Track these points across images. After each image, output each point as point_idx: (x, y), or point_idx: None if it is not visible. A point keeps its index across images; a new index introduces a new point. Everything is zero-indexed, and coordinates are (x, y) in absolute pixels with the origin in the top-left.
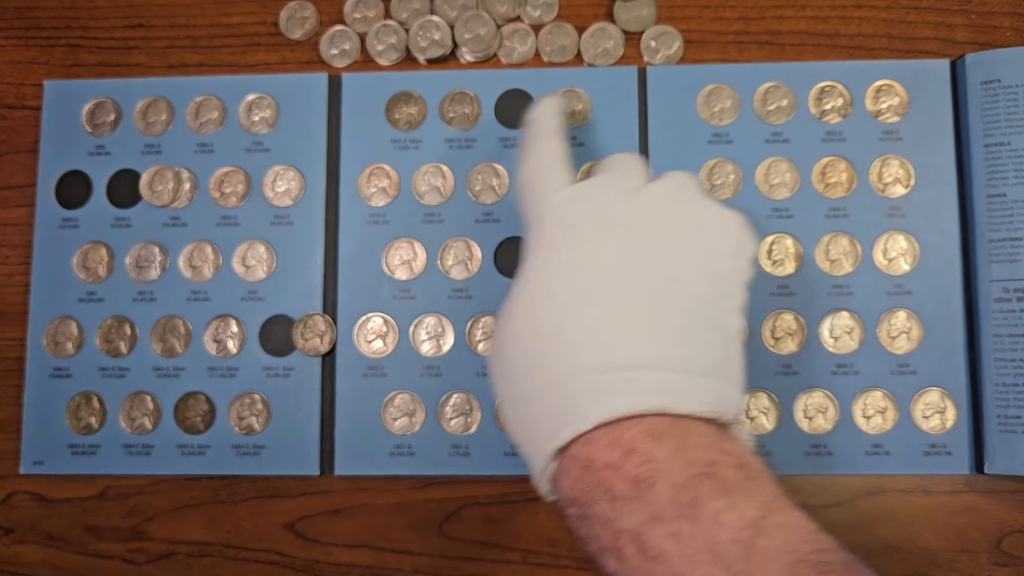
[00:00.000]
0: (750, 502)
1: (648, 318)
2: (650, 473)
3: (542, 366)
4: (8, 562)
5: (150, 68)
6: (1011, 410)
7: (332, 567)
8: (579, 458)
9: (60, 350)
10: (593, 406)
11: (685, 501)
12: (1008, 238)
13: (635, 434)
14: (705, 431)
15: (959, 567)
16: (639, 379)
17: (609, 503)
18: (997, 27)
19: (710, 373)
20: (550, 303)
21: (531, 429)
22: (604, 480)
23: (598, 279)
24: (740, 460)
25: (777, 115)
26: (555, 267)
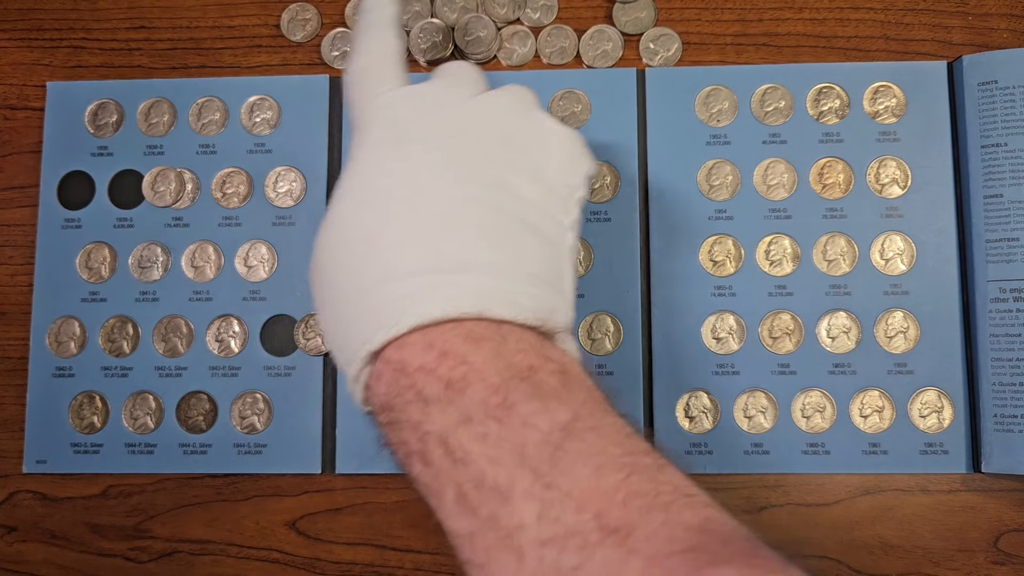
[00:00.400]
0: (564, 406)
1: (471, 223)
2: (463, 375)
3: (358, 270)
4: (11, 560)
5: (152, 70)
6: (1008, 409)
7: (334, 565)
8: (392, 361)
9: (63, 350)
10: (408, 309)
11: (496, 403)
12: (1004, 238)
13: (451, 337)
14: (527, 337)
15: (956, 566)
16: (457, 283)
17: (420, 406)
18: (994, 29)
19: (536, 281)
20: (368, 206)
21: (345, 335)
22: (416, 383)
23: (419, 182)
24: (561, 367)
25: (775, 116)
26: (375, 170)
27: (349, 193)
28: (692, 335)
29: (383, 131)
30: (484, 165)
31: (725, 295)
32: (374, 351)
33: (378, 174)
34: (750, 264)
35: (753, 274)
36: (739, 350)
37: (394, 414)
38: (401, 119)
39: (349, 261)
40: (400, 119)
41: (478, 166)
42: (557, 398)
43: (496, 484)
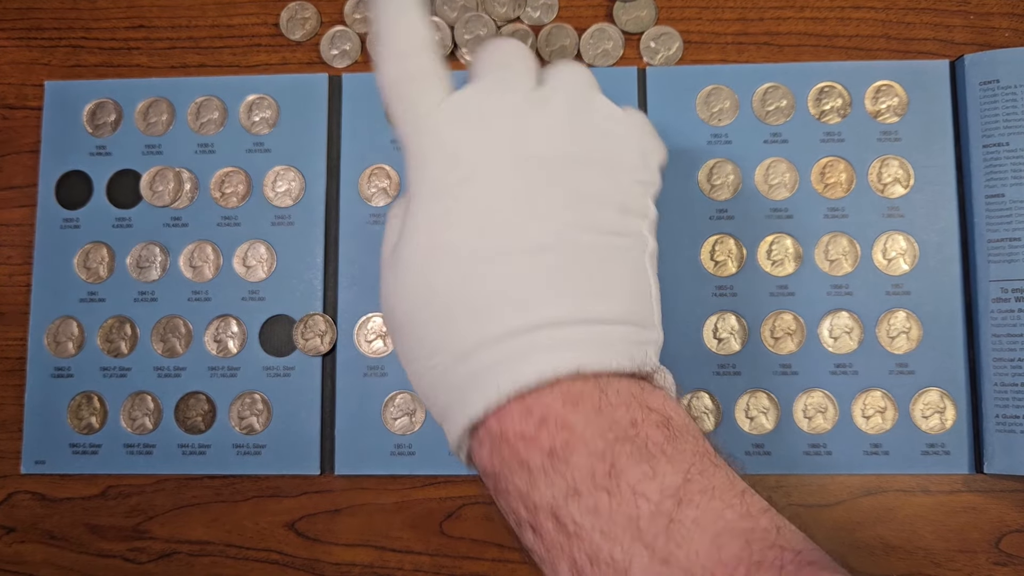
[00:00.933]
0: (672, 466)
1: (553, 272)
2: (566, 442)
3: (443, 335)
4: (10, 561)
5: (151, 69)
6: (1010, 410)
7: (333, 566)
8: (491, 431)
9: (61, 350)
10: (504, 375)
11: (603, 472)
12: (1007, 238)
13: (549, 400)
14: (625, 386)
15: (958, 566)
16: (550, 342)
17: (525, 476)
18: (995, 28)
19: (626, 318)
20: (442, 264)
21: (444, 402)
22: (519, 452)
23: (490, 232)
24: (663, 417)
25: (776, 116)
26: (441, 221)
27: (419, 249)
28: (693, 335)
29: (440, 168)
30: (557, 193)
31: (726, 295)
32: (473, 423)
33: (446, 225)
34: (751, 264)
35: (755, 274)
36: (740, 350)
37: (500, 482)
38: (459, 149)
39: (430, 324)
40: (458, 149)
41: (551, 197)
42: (664, 456)
43: (612, 560)
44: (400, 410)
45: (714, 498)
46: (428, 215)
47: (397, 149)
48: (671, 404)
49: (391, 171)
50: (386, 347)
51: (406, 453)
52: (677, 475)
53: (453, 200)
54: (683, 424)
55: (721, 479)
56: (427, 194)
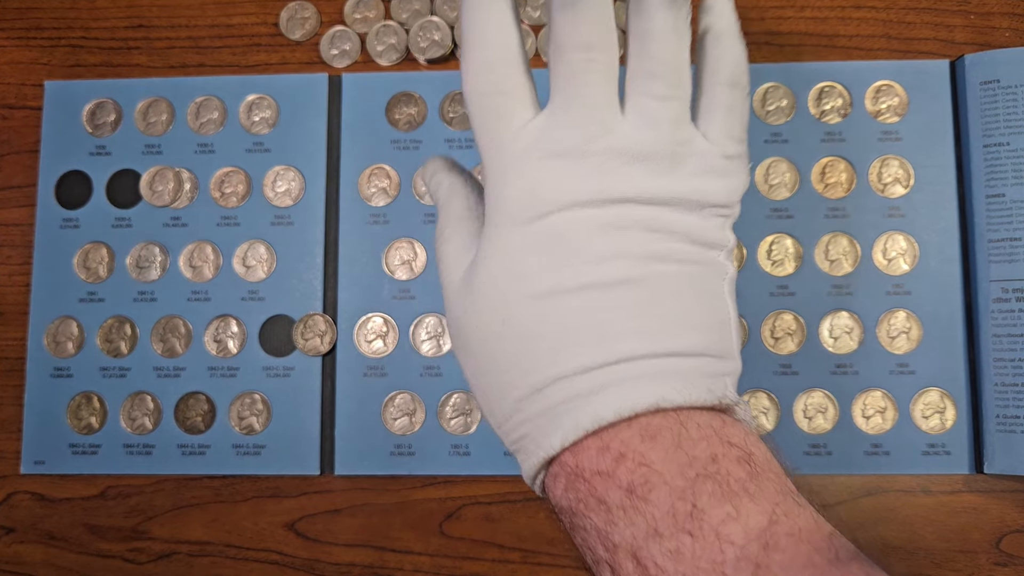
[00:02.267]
0: (756, 505)
1: (633, 302)
2: (645, 479)
3: (520, 368)
4: (9, 561)
5: (151, 68)
6: (1010, 410)
7: (332, 566)
8: (567, 466)
9: (61, 350)
10: (582, 411)
11: (685, 512)
12: (1007, 238)
13: (627, 436)
14: (705, 420)
15: (958, 567)
16: (629, 374)
17: (603, 514)
18: (996, 28)
19: (705, 350)
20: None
21: (514, 432)
22: (596, 489)
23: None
24: (745, 452)
25: (777, 115)
26: (522, 246)
27: (498, 280)
28: None
29: (521, 200)
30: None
31: None
32: (549, 458)
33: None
34: (752, 264)
35: (755, 274)
36: (740, 350)
37: (576, 519)
38: (540, 183)
39: (506, 359)
40: (539, 183)
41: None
42: (748, 495)
43: None
44: (400, 410)
45: (801, 541)
46: (506, 245)
47: (397, 149)
48: (752, 439)
49: (391, 171)
50: (385, 347)
51: (406, 453)
52: (762, 516)
53: (533, 233)
54: (765, 460)
55: (807, 520)
56: (506, 223)
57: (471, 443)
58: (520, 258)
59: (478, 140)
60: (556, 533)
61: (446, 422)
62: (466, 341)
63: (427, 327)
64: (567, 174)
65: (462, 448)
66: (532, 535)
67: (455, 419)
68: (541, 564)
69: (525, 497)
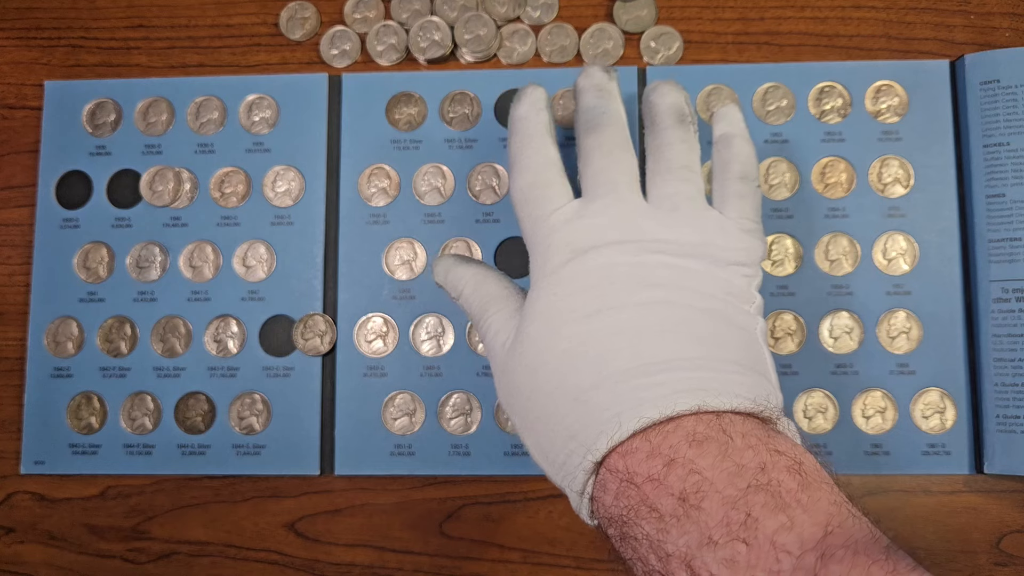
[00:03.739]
0: (810, 517)
1: (668, 322)
2: (696, 486)
3: (566, 384)
4: (9, 562)
5: (151, 68)
6: (1010, 410)
7: (332, 567)
8: (618, 471)
9: (61, 350)
10: (626, 413)
11: (738, 521)
12: (1007, 238)
13: (675, 441)
14: (750, 428)
15: (959, 567)
16: (670, 380)
17: (655, 522)
18: (996, 28)
19: (743, 369)
20: (564, 325)
21: (563, 449)
22: (647, 496)
23: (608, 299)
24: (794, 461)
25: (776, 115)
26: (563, 284)
27: (541, 315)
28: None
29: (560, 257)
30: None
31: None
32: (598, 461)
33: (566, 295)
34: None
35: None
36: None
37: (627, 528)
38: (575, 239)
39: (554, 377)
40: (574, 239)
41: (659, 274)
42: (800, 505)
43: None
44: (400, 410)
45: (858, 553)
46: (550, 292)
47: (397, 149)
48: (800, 449)
49: (391, 171)
50: (385, 347)
51: (406, 453)
52: (816, 527)
53: (573, 269)
54: (815, 470)
55: (863, 532)
56: (550, 275)
57: (471, 443)
58: (564, 293)
59: (523, 227)
60: (556, 533)
61: (446, 422)
62: (518, 391)
63: (427, 327)
64: (601, 227)
65: (462, 448)
66: (532, 535)
67: (455, 419)
68: (541, 564)
69: (525, 497)
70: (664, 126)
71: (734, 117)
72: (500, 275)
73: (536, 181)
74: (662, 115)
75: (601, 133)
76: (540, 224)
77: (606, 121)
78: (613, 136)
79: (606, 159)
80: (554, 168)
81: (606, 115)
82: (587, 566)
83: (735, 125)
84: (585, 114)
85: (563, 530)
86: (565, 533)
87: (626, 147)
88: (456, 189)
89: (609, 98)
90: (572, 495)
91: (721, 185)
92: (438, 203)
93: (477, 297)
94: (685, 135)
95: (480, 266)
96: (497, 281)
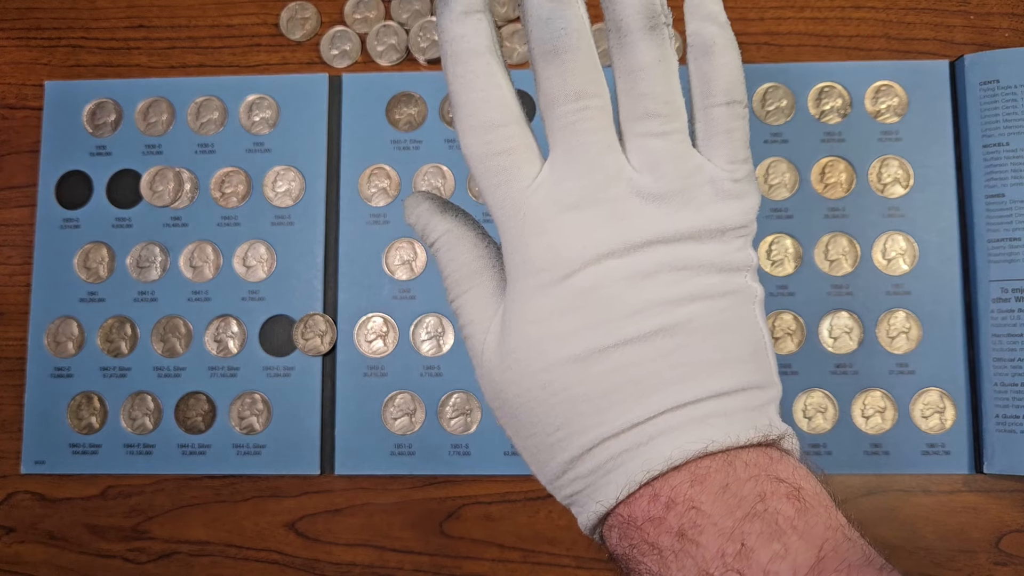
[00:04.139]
0: (804, 542)
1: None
2: (694, 522)
3: (566, 429)
4: (10, 561)
5: (151, 69)
6: (1010, 410)
7: (333, 566)
8: (620, 516)
9: (61, 350)
10: (631, 465)
11: (733, 553)
12: (1007, 238)
13: (677, 483)
14: (754, 458)
15: (958, 566)
16: (675, 424)
17: (656, 559)
18: (995, 28)
19: (746, 384)
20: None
21: (567, 490)
22: (648, 535)
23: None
24: (794, 487)
25: (776, 115)
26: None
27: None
28: None
29: (543, 261)
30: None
31: None
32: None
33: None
34: None
35: None
36: None
37: (632, 564)
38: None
39: (556, 423)
40: (559, 241)
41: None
42: (796, 532)
43: None
44: (400, 410)
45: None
46: (538, 309)
47: (397, 149)
48: (801, 472)
49: (391, 171)
50: (386, 347)
51: (406, 453)
52: (810, 552)
53: (563, 293)
54: (814, 494)
55: (857, 555)
56: (534, 286)
57: (471, 443)
58: (554, 321)
59: (487, 200)
60: (556, 532)
61: (446, 422)
62: (507, 407)
63: (427, 327)
64: (586, 227)
65: (462, 448)
66: (532, 535)
67: (455, 419)
68: (541, 564)
69: (525, 497)
70: (633, 37)
71: (711, 10)
72: (476, 236)
73: (492, 142)
74: (628, 19)
75: (564, 61)
76: (510, 209)
77: (568, 42)
78: (579, 64)
79: (573, 103)
80: (512, 117)
81: (566, 32)
82: (587, 565)
83: (713, 23)
84: (539, 30)
85: (563, 530)
86: (565, 533)
87: (597, 79)
88: (456, 189)
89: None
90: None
91: (704, 113)
92: None
93: (448, 265)
94: (660, 47)
95: (455, 220)
96: (472, 247)
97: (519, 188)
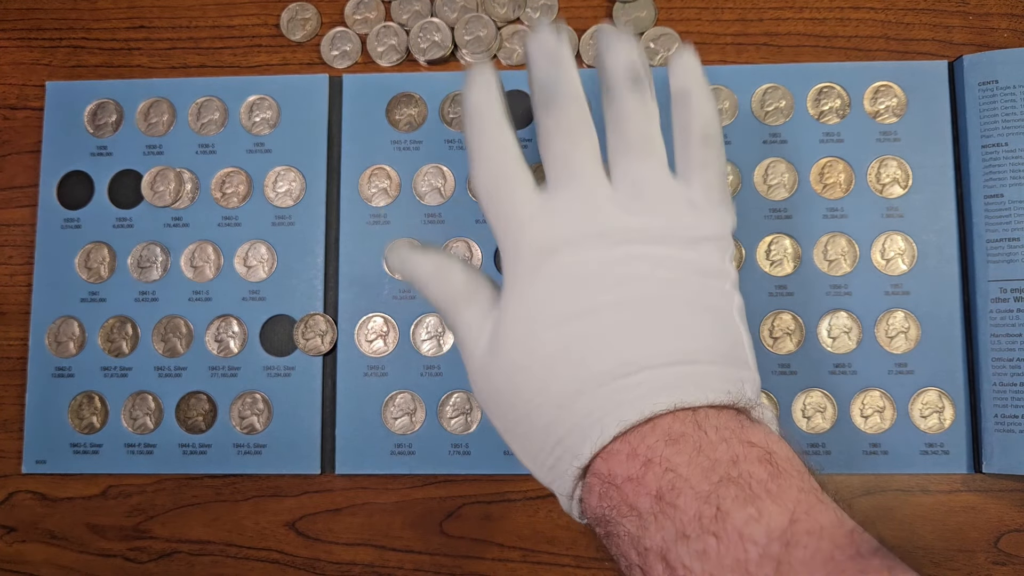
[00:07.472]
0: (777, 506)
1: (645, 317)
2: (671, 484)
3: (549, 390)
4: (10, 561)
5: (152, 69)
6: (1008, 409)
7: (333, 565)
8: (601, 474)
9: (62, 350)
10: (607, 417)
11: (710, 515)
12: (1005, 238)
13: (653, 441)
14: (724, 421)
15: (957, 566)
16: (647, 380)
17: (635, 520)
18: (994, 28)
19: (717, 359)
20: (542, 327)
21: (549, 455)
22: (627, 496)
23: (586, 290)
24: (765, 451)
25: (775, 116)
26: (538, 286)
27: (519, 319)
28: None
29: (532, 257)
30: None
31: None
32: (583, 466)
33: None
34: (750, 264)
35: (753, 274)
36: None
37: (610, 527)
38: (546, 239)
39: (536, 382)
40: (545, 239)
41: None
42: (769, 495)
43: None
44: (400, 410)
45: (822, 538)
46: (525, 294)
47: (397, 149)
48: (773, 438)
49: (391, 171)
50: (386, 347)
51: (406, 453)
52: (783, 515)
53: (547, 270)
54: (787, 458)
55: (829, 517)
56: (523, 277)
57: (471, 442)
58: (537, 295)
59: (490, 223)
60: (556, 532)
61: (446, 421)
62: (493, 388)
63: (427, 327)
64: (572, 218)
65: (462, 447)
66: (532, 534)
67: (455, 418)
68: (541, 563)
69: (525, 496)
70: (619, 93)
71: (689, 66)
72: (462, 265)
73: (496, 174)
74: (616, 79)
75: (558, 111)
76: (506, 222)
77: (562, 97)
78: (570, 113)
79: (566, 141)
80: (513, 157)
81: (560, 89)
82: (586, 565)
83: (691, 76)
84: (540, 88)
85: (562, 529)
86: (564, 532)
87: (585, 124)
88: (456, 190)
89: (561, 67)
90: (562, 498)
91: (683, 150)
92: (438, 203)
93: (442, 292)
94: (642, 100)
95: (438, 256)
96: (462, 273)
97: (516, 202)
